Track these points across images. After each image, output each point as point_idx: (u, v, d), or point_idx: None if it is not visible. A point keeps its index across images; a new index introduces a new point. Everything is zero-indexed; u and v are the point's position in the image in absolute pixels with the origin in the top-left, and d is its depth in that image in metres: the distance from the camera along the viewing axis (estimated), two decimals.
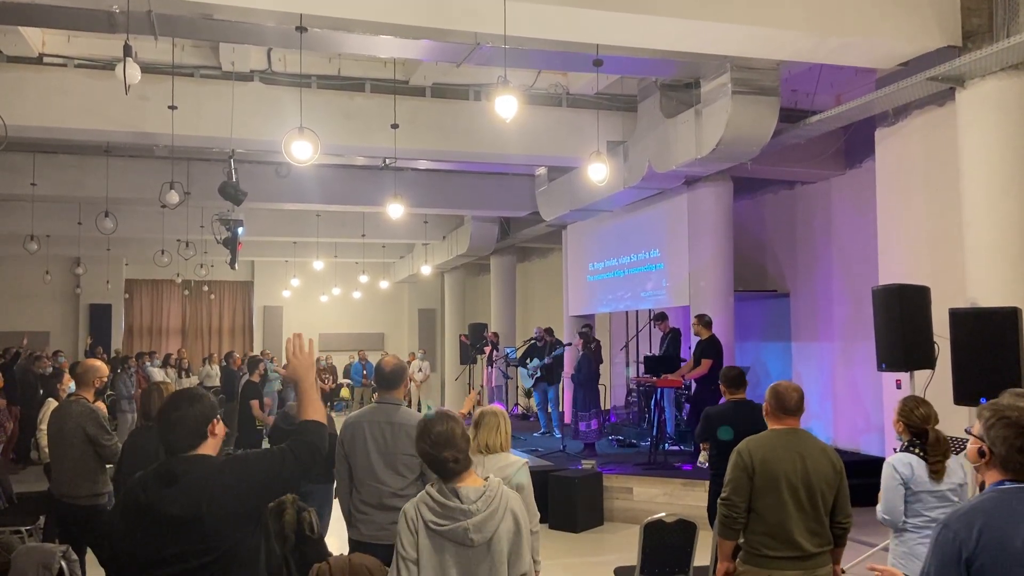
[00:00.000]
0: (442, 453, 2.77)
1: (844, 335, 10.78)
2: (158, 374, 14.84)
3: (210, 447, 2.66)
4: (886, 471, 4.04)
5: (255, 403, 9.17)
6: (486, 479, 2.85)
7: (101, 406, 5.65)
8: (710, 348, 9.22)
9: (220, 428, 2.69)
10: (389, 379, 4.34)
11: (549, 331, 12.81)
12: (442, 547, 2.73)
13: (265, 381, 12.75)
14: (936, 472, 3.96)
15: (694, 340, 9.50)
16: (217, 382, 16.22)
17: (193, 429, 2.61)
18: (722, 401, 6.01)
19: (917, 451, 4.01)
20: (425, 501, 2.79)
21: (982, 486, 2.45)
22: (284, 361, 3.03)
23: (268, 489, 2.67)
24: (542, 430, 12.56)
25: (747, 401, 5.77)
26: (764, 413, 4.04)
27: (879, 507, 4.07)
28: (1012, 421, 2.33)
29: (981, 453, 2.41)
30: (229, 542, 2.52)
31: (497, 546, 2.72)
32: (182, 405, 2.64)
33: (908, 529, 3.98)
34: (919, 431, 4.04)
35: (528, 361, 12.62)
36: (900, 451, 4.10)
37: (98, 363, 5.71)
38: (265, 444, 8.79)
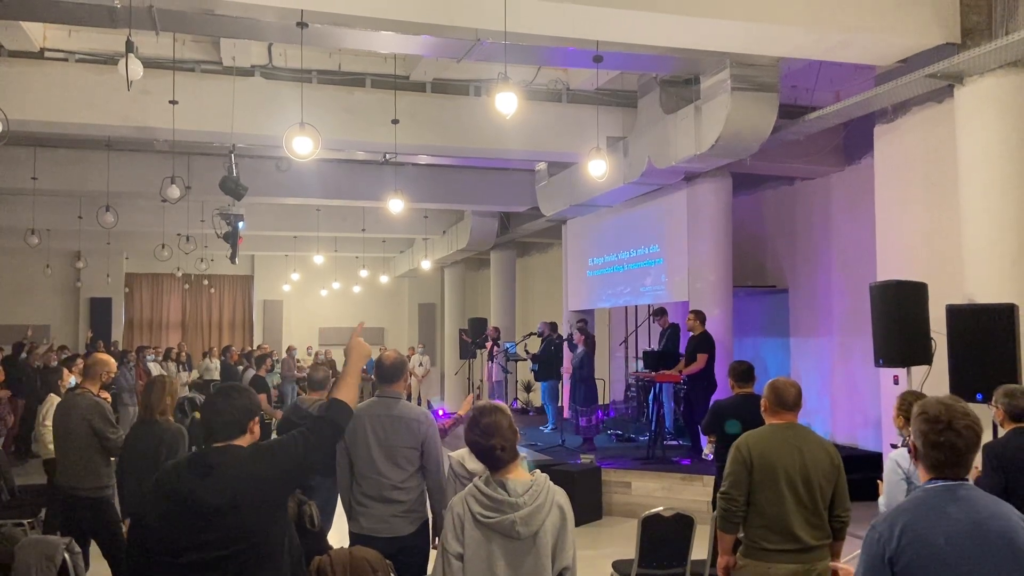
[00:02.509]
0: (490, 441, 2.84)
1: (842, 331, 10.81)
2: (154, 368, 14.87)
3: (244, 442, 2.71)
4: (888, 465, 4.08)
5: (263, 397, 9.23)
6: (533, 473, 2.91)
7: (107, 397, 5.68)
8: (704, 343, 9.26)
9: (257, 429, 2.76)
10: (389, 373, 4.37)
11: (552, 325, 12.83)
12: (489, 539, 2.79)
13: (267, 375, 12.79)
14: None
15: (688, 335, 9.55)
16: (216, 376, 16.28)
17: (236, 420, 2.69)
18: (731, 395, 6.06)
19: None
20: (473, 494, 2.85)
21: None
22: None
23: (294, 475, 2.74)
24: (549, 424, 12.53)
25: (755, 395, 5.82)
26: (762, 409, 4.08)
27: (881, 500, 4.11)
28: (929, 416, 2.37)
29: (909, 448, 2.47)
30: (261, 530, 2.59)
31: (543, 539, 2.77)
32: (232, 394, 2.74)
33: None
34: None
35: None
36: (902, 445, 4.14)
37: (107, 357, 5.75)
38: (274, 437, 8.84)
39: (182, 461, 2.69)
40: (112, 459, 5.39)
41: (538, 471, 2.98)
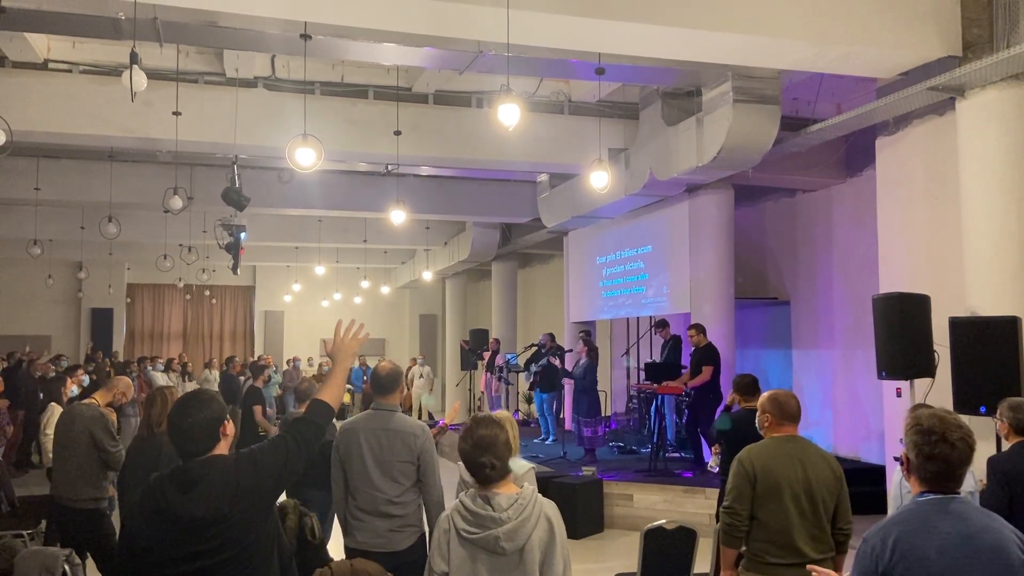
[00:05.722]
0: (481, 457, 2.76)
1: (844, 343, 10.79)
2: (161, 378, 14.84)
3: (222, 448, 2.70)
4: (895, 479, 4.05)
5: (258, 408, 9.18)
6: (521, 487, 2.84)
7: (112, 413, 5.68)
8: (709, 355, 9.25)
9: (230, 428, 2.73)
10: (385, 384, 4.30)
11: (550, 337, 12.82)
12: (474, 555, 2.73)
13: (265, 386, 12.75)
14: None
15: (689, 346, 9.53)
16: (216, 387, 16.25)
17: (206, 435, 2.65)
18: (736, 409, 6.03)
19: None
20: (458, 509, 2.79)
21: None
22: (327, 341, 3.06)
23: (280, 480, 2.72)
24: (541, 436, 12.57)
25: None
26: (765, 423, 4.04)
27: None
28: (923, 428, 2.36)
29: (902, 461, 2.46)
30: (250, 537, 2.59)
31: (529, 555, 2.71)
32: (192, 412, 2.65)
33: None
34: None
35: (531, 366, 12.62)
36: None
37: (130, 383, 5.79)
38: None
39: (164, 477, 2.65)
40: (110, 472, 5.37)
41: (526, 484, 2.93)
